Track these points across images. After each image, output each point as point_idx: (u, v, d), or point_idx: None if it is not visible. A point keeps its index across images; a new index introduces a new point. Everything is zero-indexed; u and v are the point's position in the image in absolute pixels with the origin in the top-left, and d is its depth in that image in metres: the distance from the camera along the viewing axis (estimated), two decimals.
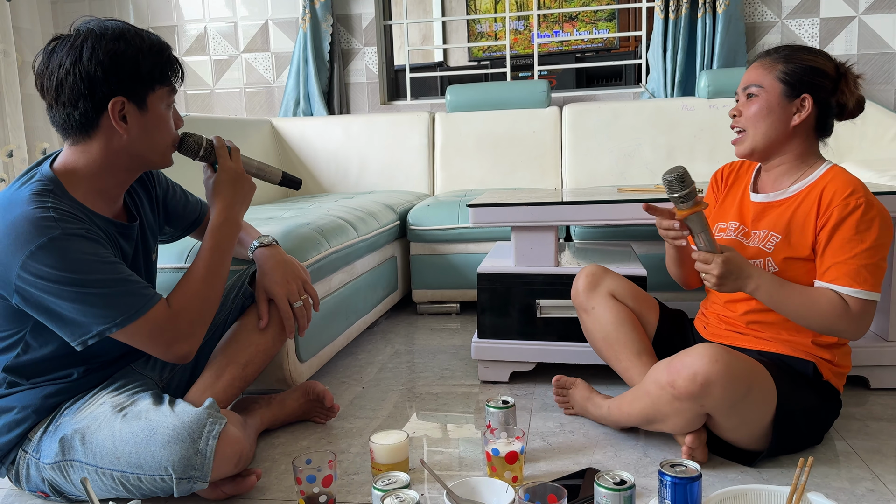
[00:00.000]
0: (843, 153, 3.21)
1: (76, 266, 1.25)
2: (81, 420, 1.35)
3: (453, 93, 3.63)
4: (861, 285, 1.38)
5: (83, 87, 1.27)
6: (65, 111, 1.30)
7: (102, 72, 1.27)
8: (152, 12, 4.11)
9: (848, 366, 1.54)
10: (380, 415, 1.83)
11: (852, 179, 1.45)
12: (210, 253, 1.44)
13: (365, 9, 3.91)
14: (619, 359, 1.67)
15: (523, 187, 3.35)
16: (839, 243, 1.41)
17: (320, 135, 3.69)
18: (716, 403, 1.34)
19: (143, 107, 1.33)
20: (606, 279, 1.73)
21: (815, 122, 1.50)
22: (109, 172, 1.37)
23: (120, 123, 1.31)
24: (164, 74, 1.36)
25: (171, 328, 1.35)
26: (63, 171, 1.35)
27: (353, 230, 2.35)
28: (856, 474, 1.41)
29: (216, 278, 1.44)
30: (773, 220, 1.51)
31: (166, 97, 1.38)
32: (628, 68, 4.18)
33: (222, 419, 1.32)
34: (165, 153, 1.42)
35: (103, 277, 1.27)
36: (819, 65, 1.47)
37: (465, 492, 1.21)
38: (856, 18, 3.47)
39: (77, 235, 1.26)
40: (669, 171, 1.37)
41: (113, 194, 1.42)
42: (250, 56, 4.06)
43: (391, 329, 2.72)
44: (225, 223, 1.47)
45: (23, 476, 1.40)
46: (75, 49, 1.27)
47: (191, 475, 1.27)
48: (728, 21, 3.42)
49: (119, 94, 1.30)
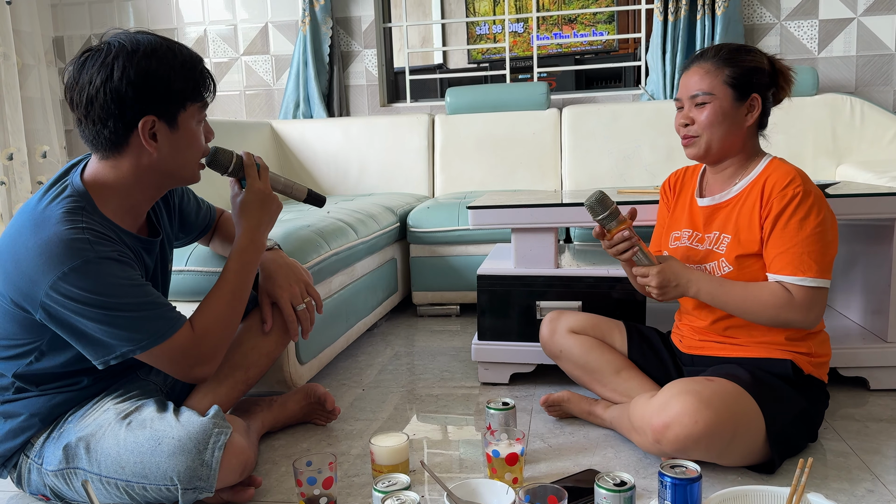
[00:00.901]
0: (843, 154, 3.21)
1: (108, 290, 1.24)
2: (86, 428, 1.34)
3: (453, 95, 3.64)
4: (805, 273, 1.40)
5: (113, 107, 1.25)
6: (94, 128, 1.28)
7: (133, 91, 1.25)
8: (152, 15, 4.11)
9: (827, 354, 1.55)
10: (380, 417, 1.84)
11: (790, 170, 1.47)
12: (235, 276, 1.44)
13: (364, 11, 3.91)
14: (603, 382, 1.69)
15: (523, 189, 3.35)
16: (780, 233, 1.43)
17: (320, 137, 3.69)
18: (702, 455, 1.34)
19: (173, 125, 1.32)
20: (562, 319, 1.78)
21: (759, 120, 1.53)
22: (139, 189, 1.36)
23: (150, 142, 1.30)
24: (196, 91, 1.33)
25: (195, 352, 1.35)
26: (93, 184, 1.33)
27: (353, 232, 2.35)
28: (855, 475, 1.42)
29: (239, 302, 1.44)
30: (723, 221, 1.53)
31: (197, 113, 1.36)
32: (627, 70, 4.19)
33: (227, 429, 1.31)
34: (195, 169, 1.41)
35: (133, 301, 1.27)
36: (759, 63, 1.50)
37: (466, 493, 1.21)
38: (854, 20, 3.48)
39: (110, 259, 1.26)
40: (589, 196, 1.47)
41: (140, 210, 1.41)
42: (250, 59, 4.06)
43: (391, 331, 2.72)
44: (250, 245, 1.47)
45: (24, 479, 1.40)
46: (106, 66, 1.25)
47: (196, 486, 1.27)
48: (727, 23, 3.43)
49: (149, 113, 1.28)
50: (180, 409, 1.37)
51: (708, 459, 1.37)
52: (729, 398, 1.36)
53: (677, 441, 1.32)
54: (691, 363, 1.61)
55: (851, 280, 2.07)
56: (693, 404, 1.31)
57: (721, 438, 1.33)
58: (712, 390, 1.35)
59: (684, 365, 1.64)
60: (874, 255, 1.93)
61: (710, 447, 1.33)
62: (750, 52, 1.51)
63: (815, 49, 3.53)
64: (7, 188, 3.71)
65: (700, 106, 1.50)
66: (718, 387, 1.37)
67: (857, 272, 2.03)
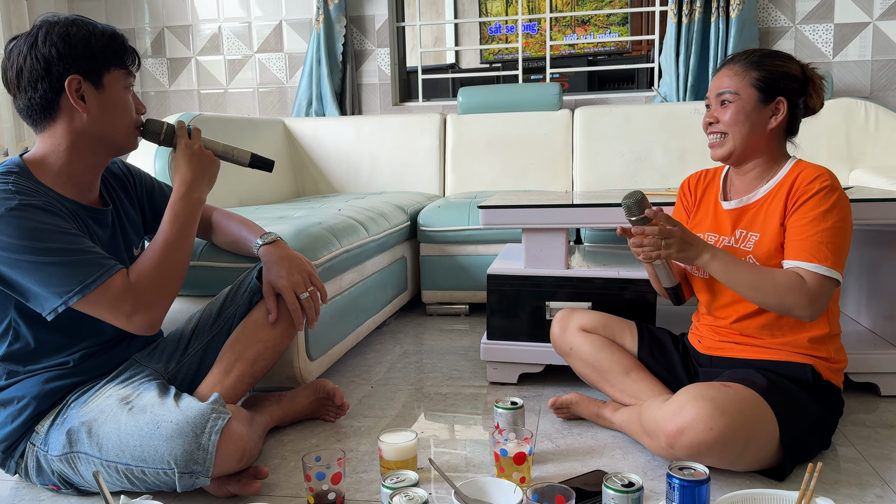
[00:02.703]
0: (856, 160, 3.20)
1: (32, 235, 1.28)
2: (88, 413, 1.37)
3: (465, 94, 3.64)
4: (821, 261, 1.40)
5: (40, 69, 1.34)
6: (27, 96, 1.36)
7: (56, 51, 1.34)
8: (167, 12, 4.14)
9: (844, 360, 1.55)
10: (388, 414, 1.84)
11: (818, 167, 1.49)
12: (167, 227, 1.45)
13: (378, 10, 3.92)
14: (612, 382, 1.68)
15: (534, 189, 3.35)
16: (802, 222, 1.44)
17: (332, 135, 3.70)
18: (715, 461, 1.34)
19: (99, 86, 1.38)
20: (574, 317, 1.78)
21: (787, 123, 1.54)
22: (76, 156, 1.41)
23: (78, 102, 1.36)
24: (119, 57, 1.41)
25: (130, 298, 1.35)
26: (31, 159, 1.40)
27: (364, 230, 2.36)
28: (865, 481, 1.41)
29: (174, 251, 1.44)
30: (749, 222, 1.54)
31: (123, 79, 1.42)
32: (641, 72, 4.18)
33: (226, 414, 1.33)
34: (128, 134, 1.46)
35: (60, 247, 1.30)
36: (789, 69, 1.51)
37: (474, 492, 1.21)
38: (870, 24, 3.46)
39: (34, 206, 1.30)
40: (629, 196, 1.46)
41: (84, 181, 1.45)
42: (264, 56, 4.08)
43: (400, 329, 2.73)
44: (183, 198, 1.48)
45: (32, 470, 1.42)
46: (31, 36, 1.36)
47: (193, 469, 1.28)
48: (741, 26, 3.41)
49: (74, 72, 1.35)
50: (182, 394, 1.39)
51: (721, 466, 1.36)
52: (744, 405, 1.35)
53: (691, 447, 1.32)
54: (709, 364, 1.60)
55: (863, 285, 2.06)
56: (708, 411, 1.31)
57: (735, 445, 1.33)
58: (728, 396, 1.34)
59: (701, 366, 1.63)
60: (886, 260, 1.92)
61: (723, 454, 1.33)
62: (782, 58, 1.52)
63: (829, 53, 3.51)
64: None
65: (725, 105, 1.53)
66: (734, 393, 1.36)
67: (869, 277, 2.02)
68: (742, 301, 1.52)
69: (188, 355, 1.60)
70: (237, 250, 1.77)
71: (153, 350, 1.60)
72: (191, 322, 1.65)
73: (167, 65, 4.19)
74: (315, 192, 3.71)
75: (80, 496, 1.44)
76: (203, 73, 4.16)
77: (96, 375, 1.47)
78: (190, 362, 1.60)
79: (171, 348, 1.61)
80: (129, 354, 1.56)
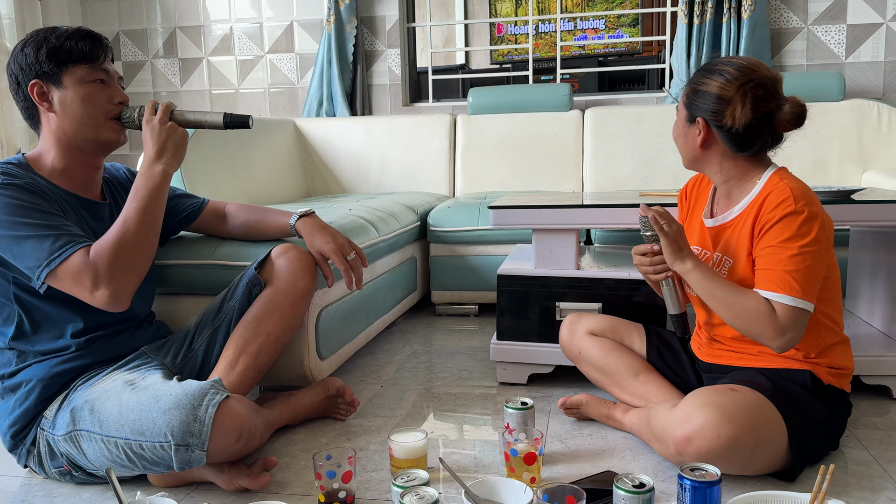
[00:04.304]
0: (869, 161, 3.18)
1: (10, 210, 1.35)
2: (93, 393, 1.40)
3: (475, 95, 3.64)
4: (787, 291, 1.35)
5: (14, 83, 1.48)
6: (18, 107, 1.50)
7: (18, 65, 1.46)
8: (179, 13, 4.16)
9: (849, 367, 1.52)
10: (398, 414, 1.85)
11: (784, 188, 1.40)
12: (129, 202, 1.46)
13: (389, 11, 3.93)
14: (621, 385, 1.68)
15: (544, 190, 3.35)
16: (767, 251, 1.39)
17: (343, 135, 3.71)
18: (724, 467, 1.32)
19: (59, 85, 1.46)
20: (581, 321, 1.78)
21: (727, 142, 1.46)
22: (65, 154, 1.49)
23: (43, 104, 1.46)
24: (77, 53, 1.46)
25: (90, 272, 1.35)
26: (31, 157, 1.51)
27: (375, 230, 2.36)
28: (877, 484, 1.40)
29: (137, 224, 1.42)
30: (725, 244, 1.51)
31: (87, 73, 1.47)
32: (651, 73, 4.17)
33: (224, 392, 1.35)
34: (99, 126, 1.49)
35: (34, 222, 1.36)
36: (712, 89, 1.43)
37: (484, 491, 1.22)
38: (883, 25, 3.44)
39: (16, 185, 1.38)
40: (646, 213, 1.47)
41: (80, 177, 1.53)
42: (275, 57, 4.10)
43: (410, 329, 2.73)
44: (144, 172, 1.48)
45: (45, 455, 1.44)
46: (13, 51, 1.48)
47: (189, 442, 1.28)
48: (753, 26, 3.40)
49: (33, 77, 1.45)
50: (187, 380, 1.40)
51: (731, 472, 1.36)
52: (752, 410, 1.34)
53: (699, 454, 1.31)
54: (709, 370, 1.60)
55: (875, 287, 2.04)
56: (716, 418, 1.30)
57: (744, 451, 1.33)
58: (735, 402, 1.34)
59: (703, 371, 1.63)
60: None
61: (732, 460, 1.33)
62: (714, 75, 1.43)
63: (842, 54, 3.49)
64: None
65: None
66: (741, 398, 1.35)
67: (882, 279, 2.00)
68: None
69: (193, 350, 1.63)
70: (259, 231, 1.79)
71: (162, 345, 1.63)
72: (195, 318, 1.68)
73: (179, 65, 4.21)
74: (325, 193, 3.72)
75: (90, 487, 1.45)
76: (215, 73, 4.18)
77: (103, 360, 1.50)
78: (194, 357, 1.62)
79: (178, 344, 1.64)
80: (137, 344, 1.58)
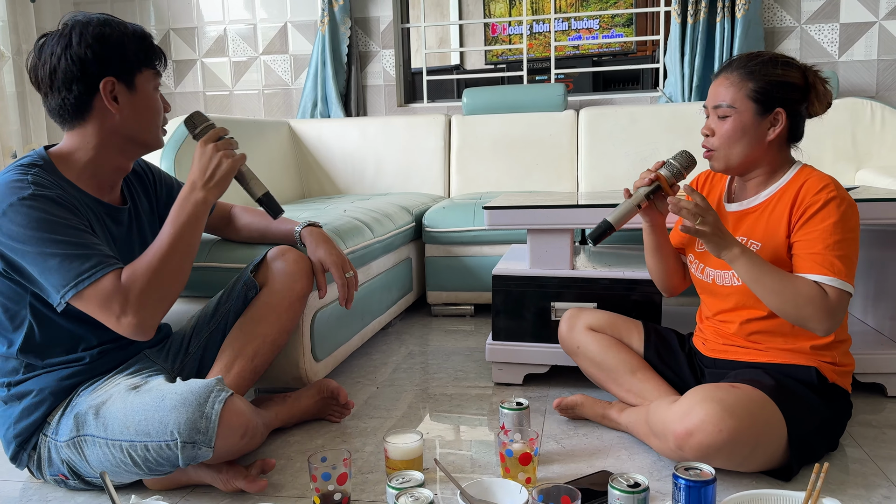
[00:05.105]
0: (862, 160, 3.19)
1: (39, 225, 1.29)
2: (97, 398, 1.39)
3: (470, 96, 3.64)
4: (836, 274, 1.38)
5: (76, 70, 1.34)
6: (60, 96, 1.36)
7: (92, 53, 1.34)
8: (173, 14, 4.15)
9: (851, 364, 1.53)
10: (394, 415, 1.84)
11: (824, 176, 1.46)
12: (167, 227, 1.40)
13: (383, 12, 3.93)
14: (618, 382, 1.69)
15: (539, 190, 3.35)
16: (812, 235, 1.41)
17: (337, 136, 3.71)
18: (723, 463, 1.34)
19: (132, 87, 1.40)
20: (581, 316, 1.78)
21: (787, 132, 1.49)
22: (104, 154, 1.42)
23: (112, 103, 1.38)
24: (149, 58, 1.43)
25: (120, 298, 1.31)
26: (57, 153, 1.42)
27: (370, 231, 2.36)
28: (872, 482, 1.41)
29: (174, 253, 1.37)
30: (750, 227, 1.52)
31: (153, 79, 1.44)
32: (646, 72, 4.17)
33: (229, 390, 1.34)
34: (156, 133, 1.47)
35: (64, 239, 1.30)
36: (789, 78, 1.46)
37: (479, 492, 1.22)
38: (876, 24, 3.45)
39: (46, 197, 1.31)
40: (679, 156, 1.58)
41: (108, 180, 1.47)
42: (269, 58, 4.09)
43: (405, 330, 2.73)
44: (187, 198, 1.42)
45: (44, 461, 1.43)
46: (65, 37, 1.35)
47: (195, 439, 1.28)
48: (747, 25, 3.40)
49: (109, 74, 1.37)
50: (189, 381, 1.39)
51: (729, 467, 1.36)
52: (753, 406, 1.34)
53: (700, 449, 1.31)
54: (713, 366, 1.60)
55: (869, 285, 2.05)
56: (717, 413, 1.31)
57: (744, 447, 1.33)
58: (737, 398, 1.34)
59: (706, 367, 1.62)
60: (893, 260, 1.91)
61: (732, 455, 1.33)
62: (780, 65, 1.46)
63: (835, 53, 3.50)
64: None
65: (722, 119, 1.50)
66: (743, 394, 1.36)
67: (876, 277, 2.01)
68: (747, 307, 1.52)
69: (189, 353, 1.62)
70: (263, 235, 1.80)
71: (161, 348, 1.63)
72: (192, 321, 1.67)
73: (173, 67, 4.20)
74: (320, 194, 3.71)
75: (86, 492, 1.45)
76: (209, 74, 4.17)
77: (111, 368, 1.49)
78: (192, 360, 1.62)
79: (176, 347, 1.63)
80: (143, 348, 1.58)
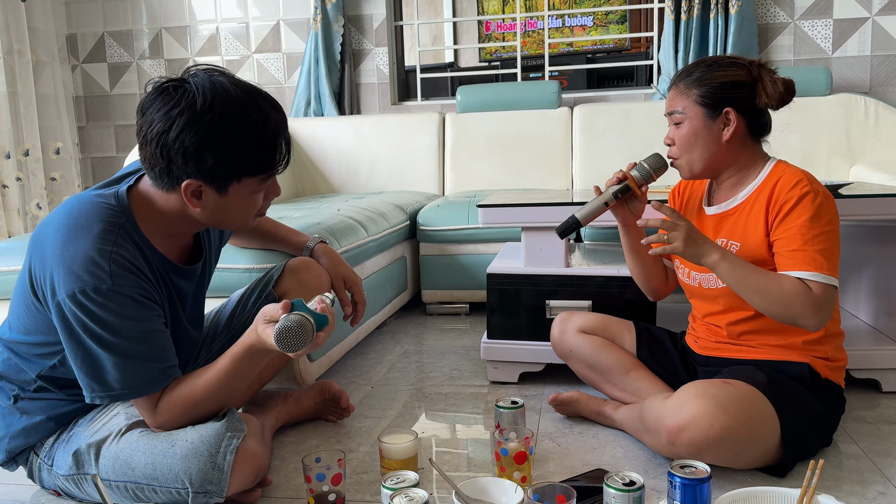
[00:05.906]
0: (857, 155, 3.19)
1: (104, 325, 1.21)
2: (95, 434, 1.34)
3: (464, 93, 3.63)
4: (818, 269, 1.38)
5: (162, 160, 1.21)
6: (147, 163, 1.25)
7: (183, 157, 1.20)
8: (165, 13, 4.13)
9: (844, 359, 1.54)
10: (389, 414, 1.84)
11: (797, 171, 1.45)
12: (225, 363, 1.30)
13: (376, 9, 3.92)
14: (612, 382, 1.69)
15: (533, 188, 3.35)
16: (791, 232, 1.40)
17: (331, 135, 3.70)
18: (716, 458, 1.33)
19: (223, 192, 1.26)
20: (572, 319, 1.78)
21: (746, 129, 1.49)
22: (182, 223, 1.33)
23: (192, 200, 1.25)
24: (258, 166, 1.26)
25: (160, 416, 1.30)
26: (140, 201, 1.30)
27: (364, 230, 2.36)
28: (867, 477, 1.41)
29: (219, 391, 1.31)
30: (729, 229, 1.52)
31: (255, 185, 1.28)
32: (639, 69, 4.17)
33: (241, 432, 1.30)
34: (246, 224, 1.37)
35: (127, 347, 1.23)
36: (732, 77, 1.46)
37: (474, 491, 1.21)
38: (869, 20, 3.45)
39: (123, 294, 1.21)
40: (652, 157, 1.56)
41: (184, 239, 1.40)
42: (262, 56, 4.08)
43: (400, 329, 2.72)
44: (258, 350, 1.28)
45: (36, 476, 1.42)
46: (169, 119, 1.19)
47: (207, 489, 1.26)
48: (740, 22, 3.41)
49: (195, 178, 1.23)
50: None
51: (722, 464, 1.36)
52: (745, 402, 1.35)
53: (692, 444, 1.31)
54: (706, 364, 1.60)
55: (863, 281, 2.05)
56: (709, 408, 1.31)
57: (736, 443, 1.33)
58: (729, 394, 1.34)
59: (699, 365, 1.62)
60: (887, 256, 1.91)
61: (724, 451, 1.33)
62: (723, 66, 1.47)
63: (828, 49, 3.50)
64: (22, 184, 3.74)
65: (678, 126, 1.52)
66: (735, 390, 1.36)
67: (870, 273, 2.01)
68: (735, 310, 1.52)
69: (199, 365, 1.57)
70: (269, 242, 1.79)
71: None
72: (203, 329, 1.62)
73: (165, 66, 4.18)
74: (314, 193, 3.70)
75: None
76: None
77: None
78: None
79: (185, 357, 1.54)
80: None
